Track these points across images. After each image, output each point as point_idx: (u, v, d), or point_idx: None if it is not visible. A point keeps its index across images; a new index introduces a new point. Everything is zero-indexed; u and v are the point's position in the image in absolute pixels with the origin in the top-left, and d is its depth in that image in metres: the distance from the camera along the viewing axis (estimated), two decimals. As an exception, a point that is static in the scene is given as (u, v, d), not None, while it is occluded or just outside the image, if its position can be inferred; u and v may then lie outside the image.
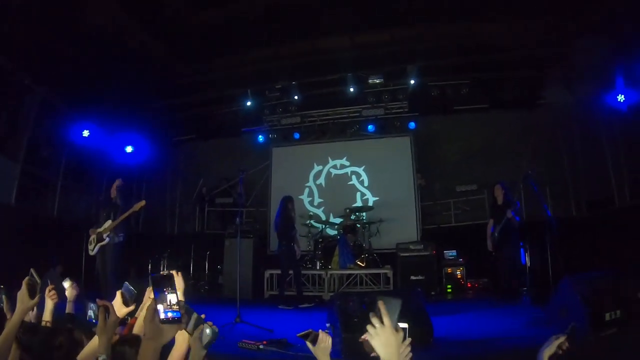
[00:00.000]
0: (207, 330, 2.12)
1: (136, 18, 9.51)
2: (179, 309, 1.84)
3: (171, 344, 2.42)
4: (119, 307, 3.08)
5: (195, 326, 2.14)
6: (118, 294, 3.12)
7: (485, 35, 10.39)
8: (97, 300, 2.84)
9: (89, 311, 2.68)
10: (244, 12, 9.66)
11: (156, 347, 1.82)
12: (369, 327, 1.73)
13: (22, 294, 2.73)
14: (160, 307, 1.81)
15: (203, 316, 2.16)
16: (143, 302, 3.37)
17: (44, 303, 3.38)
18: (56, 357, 2.98)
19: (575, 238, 8.79)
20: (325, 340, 2.62)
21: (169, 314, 1.82)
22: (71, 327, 3.14)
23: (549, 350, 2.41)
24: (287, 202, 9.62)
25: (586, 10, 9.00)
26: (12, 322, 2.68)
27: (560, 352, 2.41)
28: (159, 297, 1.82)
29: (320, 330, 2.64)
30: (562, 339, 2.42)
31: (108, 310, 2.50)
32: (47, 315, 3.35)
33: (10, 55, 9.23)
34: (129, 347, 2.66)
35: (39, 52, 9.40)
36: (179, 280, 3.09)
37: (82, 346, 2.99)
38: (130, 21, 9.55)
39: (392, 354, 1.69)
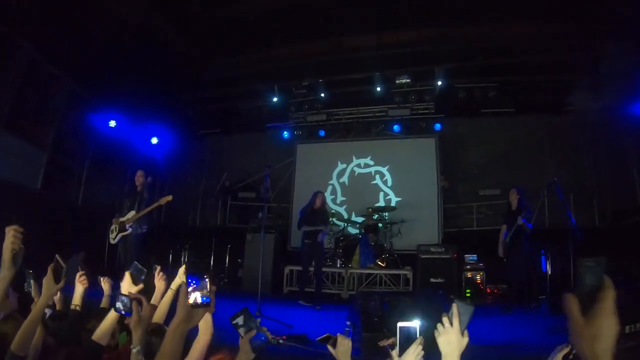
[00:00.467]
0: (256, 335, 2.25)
1: (163, 11, 9.67)
2: (209, 294, 1.97)
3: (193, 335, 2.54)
4: (128, 286, 3.25)
5: (248, 328, 2.26)
6: (127, 274, 3.28)
7: (514, 38, 10.35)
8: (129, 293, 2.95)
9: (118, 303, 2.77)
10: (271, 8, 9.75)
11: (185, 329, 1.94)
12: (439, 325, 1.83)
13: (48, 279, 2.77)
14: (196, 294, 1.95)
15: (258, 320, 2.26)
16: (156, 290, 3.51)
17: (71, 288, 3.50)
18: (84, 339, 3.10)
19: (598, 247, 8.70)
20: (344, 344, 2.69)
21: (201, 300, 1.96)
22: (105, 312, 3.25)
23: None
24: (312, 197, 9.63)
25: (616, 16, 8.91)
26: (38, 306, 2.73)
27: None
28: (200, 284, 1.96)
29: (338, 334, 2.71)
30: (566, 349, 2.41)
31: (141, 304, 2.60)
32: (76, 299, 3.47)
33: (38, 46, 9.43)
34: (154, 336, 2.78)
35: (66, 43, 9.60)
36: (181, 272, 3.25)
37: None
38: (158, 14, 9.71)
39: (453, 354, 1.80)
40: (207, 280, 1.98)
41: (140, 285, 3.36)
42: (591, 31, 9.59)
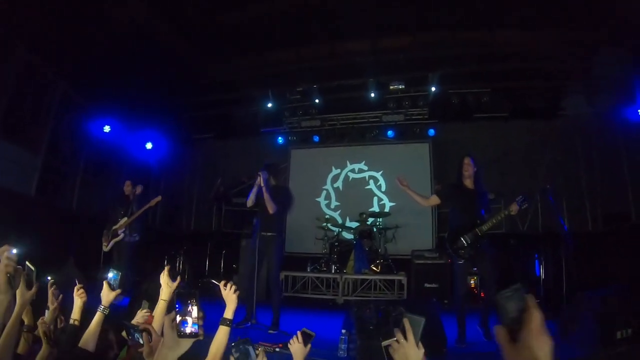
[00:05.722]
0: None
1: (160, 16, 9.70)
2: (197, 321, 1.86)
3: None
4: (107, 293, 3.28)
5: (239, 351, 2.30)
6: (105, 283, 3.31)
7: (507, 44, 10.40)
8: (136, 323, 3.01)
9: (136, 334, 2.87)
10: (266, 14, 9.81)
11: (173, 357, 1.84)
12: (392, 342, 1.80)
13: (21, 288, 2.65)
14: (180, 319, 1.84)
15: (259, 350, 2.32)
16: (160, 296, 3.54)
17: (69, 300, 3.50)
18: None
19: (590, 252, 8.75)
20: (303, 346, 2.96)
21: (190, 328, 1.84)
22: (107, 328, 3.25)
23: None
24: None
25: (608, 22, 9.00)
26: (13, 315, 2.64)
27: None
28: (182, 310, 1.85)
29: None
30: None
31: (150, 333, 2.65)
32: (76, 314, 3.39)
33: (34, 49, 9.46)
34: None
35: (62, 47, 9.60)
36: (164, 278, 3.27)
37: (112, 347, 3.15)
38: (154, 19, 9.74)
39: None
40: (190, 305, 1.86)
41: (118, 291, 3.32)
42: (584, 38, 9.67)
